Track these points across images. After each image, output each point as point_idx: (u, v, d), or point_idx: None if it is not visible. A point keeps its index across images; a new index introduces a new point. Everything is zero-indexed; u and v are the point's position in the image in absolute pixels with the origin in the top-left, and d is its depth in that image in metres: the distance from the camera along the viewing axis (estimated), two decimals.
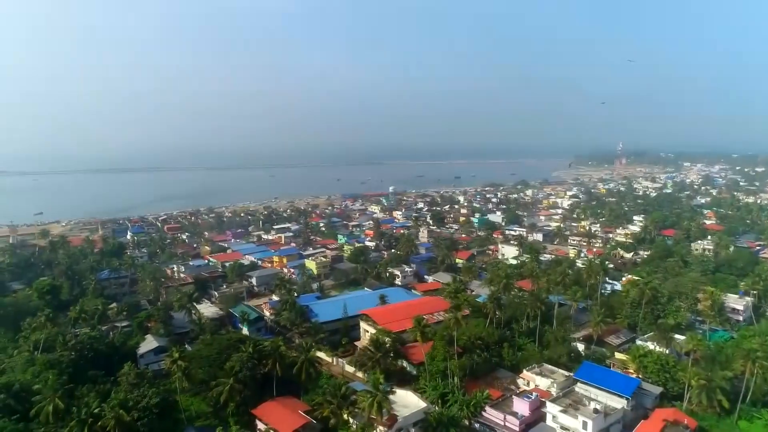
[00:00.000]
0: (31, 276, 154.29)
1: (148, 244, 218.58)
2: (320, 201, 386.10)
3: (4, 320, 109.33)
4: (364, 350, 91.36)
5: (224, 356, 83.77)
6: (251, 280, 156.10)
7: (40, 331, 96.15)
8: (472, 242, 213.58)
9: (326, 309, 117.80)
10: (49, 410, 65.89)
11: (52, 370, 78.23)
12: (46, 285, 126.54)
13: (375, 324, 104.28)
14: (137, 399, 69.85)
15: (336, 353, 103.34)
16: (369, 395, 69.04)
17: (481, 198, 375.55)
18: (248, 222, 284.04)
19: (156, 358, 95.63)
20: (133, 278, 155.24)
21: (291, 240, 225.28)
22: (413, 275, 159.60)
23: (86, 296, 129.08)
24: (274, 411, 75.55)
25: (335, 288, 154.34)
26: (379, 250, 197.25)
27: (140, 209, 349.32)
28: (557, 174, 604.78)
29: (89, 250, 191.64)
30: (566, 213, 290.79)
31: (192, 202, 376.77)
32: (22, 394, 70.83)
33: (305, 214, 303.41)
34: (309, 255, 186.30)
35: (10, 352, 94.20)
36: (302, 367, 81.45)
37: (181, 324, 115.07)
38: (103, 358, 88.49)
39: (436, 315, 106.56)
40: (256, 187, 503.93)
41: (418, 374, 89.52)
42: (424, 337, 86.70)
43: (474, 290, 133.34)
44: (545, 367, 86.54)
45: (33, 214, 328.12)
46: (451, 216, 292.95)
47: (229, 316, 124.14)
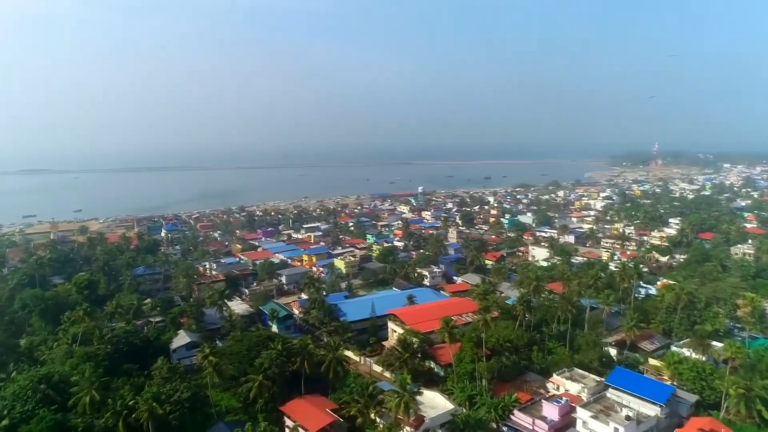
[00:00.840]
0: (71, 271, 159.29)
1: (182, 241, 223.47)
2: (349, 201, 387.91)
3: (45, 313, 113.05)
4: (392, 350, 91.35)
5: (254, 353, 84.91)
6: (281, 278, 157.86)
7: (79, 324, 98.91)
8: (502, 243, 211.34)
9: (354, 308, 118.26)
10: (86, 401, 67.84)
11: (89, 362, 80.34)
12: (84, 280, 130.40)
13: (403, 324, 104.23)
14: (170, 393, 71.34)
15: (363, 352, 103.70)
16: (396, 395, 69.01)
17: (512, 199, 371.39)
18: (278, 221, 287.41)
19: (188, 354, 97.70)
20: (166, 275, 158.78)
21: (320, 239, 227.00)
22: (442, 276, 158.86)
23: (122, 291, 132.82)
24: (301, 408, 76.21)
25: (363, 287, 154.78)
26: (407, 250, 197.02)
27: (174, 207, 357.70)
28: (590, 175, 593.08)
29: (125, 246, 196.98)
30: (599, 215, 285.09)
31: (224, 200, 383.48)
32: (61, 385, 73.00)
33: (334, 214, 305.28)
34: (338, 254, 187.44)
35: (51, 344, 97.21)
36: (330, 366, 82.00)
37: (212, 320, 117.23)
38: (137, 352, 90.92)
39: (464, 316, 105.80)
40: (286, 187, 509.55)
41: (446, 376, 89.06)
42: (452, 339, 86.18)
43: (503, 292, 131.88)
44: (576, 371, 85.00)
45: (73, 211, 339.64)
46: (480, 217, 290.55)
47: (259, 313, 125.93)
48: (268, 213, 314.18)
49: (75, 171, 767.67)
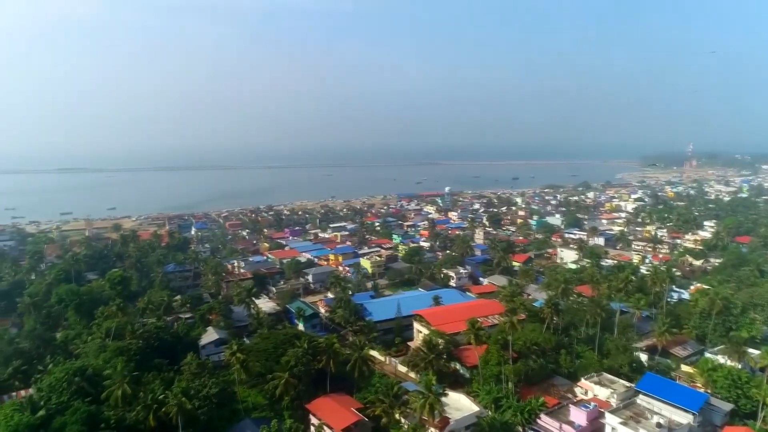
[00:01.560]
0: (104, 267, 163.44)
1: (211, 239, 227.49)
2: (376, 200, 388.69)
3: (80, 308, 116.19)
4: (417, 351, 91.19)
5: (280, 351, 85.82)
6: (307, 277, 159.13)
7: (112, 319, 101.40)
8: (530, 245, 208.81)
9: (380, 308, 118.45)
10: (118, 394, 69.62)
11: (121, 356, 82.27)
12: (117, 276, 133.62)
13: (428, 325, 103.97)
14: (198, 388, 72.71)
15: (389, 352, 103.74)
16: (421, 396, 68.87)
17: (540, 200, 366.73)
18: (305, 220, 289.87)
19: (216, 350, 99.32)
20: (196, 272, 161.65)
21: (347, 239, 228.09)
22: (468, 277, 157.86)
23: (153, 288, 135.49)
24: (327, 407, 76.74)
25: (389, 287, 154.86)
26: (433, 251, 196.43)
27: (204, 206, 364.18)
28: (621, 176, 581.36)
29: (157, 244, 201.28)
30: (630, 217, 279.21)
31: (252, 200, 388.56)
32: (94, 378, 75.01)
33: (361, 214, 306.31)
34: (364, 254, 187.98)
35: (85, 338, 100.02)
36: (355, 365, 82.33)
37: (240, 318, 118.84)
38: (167, 348, 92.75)
39: (490, 318, 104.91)
40: (313, 187, 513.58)
41: (471, 378, 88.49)
42: (478, 340, 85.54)
43: (531, 294, 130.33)
44: (605, 376, 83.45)
45: (107, 209, 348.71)
46: (508, 218, 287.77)
47: (285, 311, 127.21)
48: (295, 212, 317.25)
49: (109, 170, 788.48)
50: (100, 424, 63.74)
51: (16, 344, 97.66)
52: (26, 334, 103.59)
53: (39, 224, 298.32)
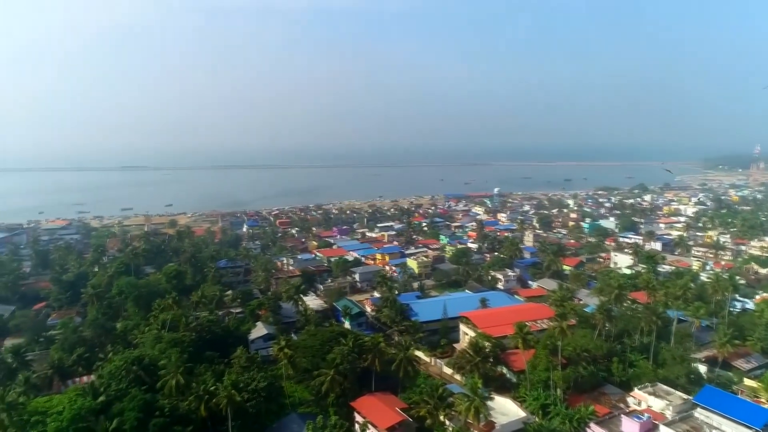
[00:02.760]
0: (161, 261, 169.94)
1: (262, 237, 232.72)
2: (423, 201, 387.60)
3: (139, 300, 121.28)
4: (463, 353, 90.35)
5: (327, 348, 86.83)
6: (354, 276, 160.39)
7: (167, 312, 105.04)
8: (582, 249, 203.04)
9: (426, 308, 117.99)
10: (172, 384, 72.27)
11: (175, 348, 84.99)
12: (173, 270, 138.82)
13: (475, 327, 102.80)
14: (247, 381, 74.46)
15: (434, 353, 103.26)
16: (466, 399, 68.18)
17: (593, 202, 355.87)
18: (353, 219, 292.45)
19: (265, 345, 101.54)
20: (247, 268, 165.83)
21: (394, 238, 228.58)
22: (516, 280, 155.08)
23: (206, 282, 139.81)
24: (371, 405, 77.11)
25: (436, 288, 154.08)
26: (481, 253, 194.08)
27: (255, 204, 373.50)
28: (681, 178, 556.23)
29: (210, 240, 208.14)
30: (690, 221, 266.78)
31: (302, 198, 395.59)
32: (150, 367, 78.12)
33: (408, 214, 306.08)
34: (411, 254, 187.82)
35: (143, 329, 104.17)
36: (400, 365, 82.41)
37: (288, 314, 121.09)
38: (218, 341, 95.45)
39: (539, 323, 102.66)
40: (361, 186, 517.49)
41: (518, 382, 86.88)
42: (525, 345, 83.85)
43: (582, 299, 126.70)
44: (660, 387, 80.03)
45: (164, 205, 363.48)
46: (559, 220, 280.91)
47: (332, 309, 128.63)
48: (343, 211, 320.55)
49: (167, 168, 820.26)
50: (155, 411, 66.34)
51: (80, 333, 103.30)
52: (89, 323, 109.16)
53: (102, 219, 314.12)
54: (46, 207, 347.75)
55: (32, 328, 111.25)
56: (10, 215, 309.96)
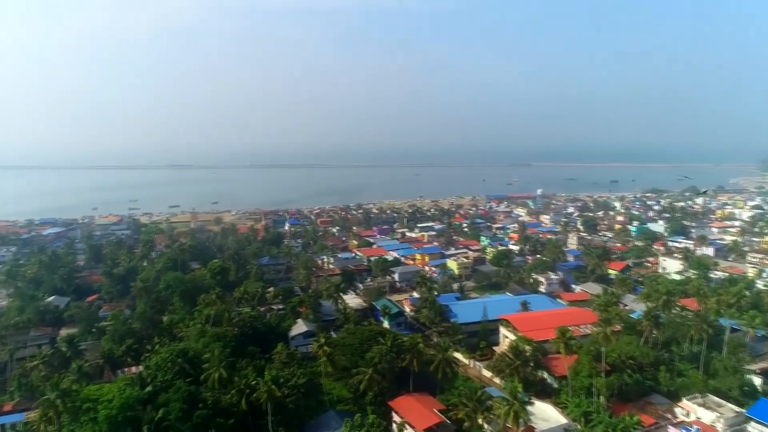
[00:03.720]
0: (206, 257, 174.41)
1: (303, 235, 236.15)
2: (464, 201, 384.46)
3: (184, 295, 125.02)
4: (503, 356, 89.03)
5: (365, 346, 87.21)
6: (394, 275, 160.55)
7: (211, 306, 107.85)
8: (628, 252, 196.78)
9: (466, 310, 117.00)
10: (215, 377, 74.09)
11: (218, 342, 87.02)
12: (217, 266, 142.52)
13: (515, 330, 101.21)
14: (287, 377, 75.54)
15: (473, 356, 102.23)
16: (506, 403, 67.16)
17: (641, 205, 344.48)
18: (393, 219, 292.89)
19: (305, 342, 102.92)
20: (288, 266, 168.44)
21: (434, 239, 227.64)
22: (559, 283, 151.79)
23: (249, 279, 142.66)
24: (409, 405, 76.95)
25: (476, 290, 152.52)
26: (523, 255, 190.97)
27: (297, 203, 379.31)
28: (736, 181, 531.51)
29: (253, 237, 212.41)
30: (745, 226, 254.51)
31: (343, 198, 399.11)
32: (194, 360, 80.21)
33: (449, 214, 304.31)
34: (451, 255, 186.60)
35: (188, 323, 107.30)
36: (439, 366, 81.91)
37: (328, 312, 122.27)
38: (259, 337, 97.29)
39: (582, 327, 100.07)
40: (402, 186, 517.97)
41: (560, 388, 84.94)
42: (568, 350, 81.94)
43: (627, 305, 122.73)
44: (710, 398, 76.68)
45: (210, 203, 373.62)
46: (604, 223, 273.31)
47: (371, 308, 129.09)
48: (383, 211, 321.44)
49: (213, 167, 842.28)
50: (198, 403, 68.23)
51: (129, 325, 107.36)
52: (138, 315, 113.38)
53: (151, 215, 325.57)
54: (99, 203, 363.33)
55: (85, 319, 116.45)
56: (66, 211, 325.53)
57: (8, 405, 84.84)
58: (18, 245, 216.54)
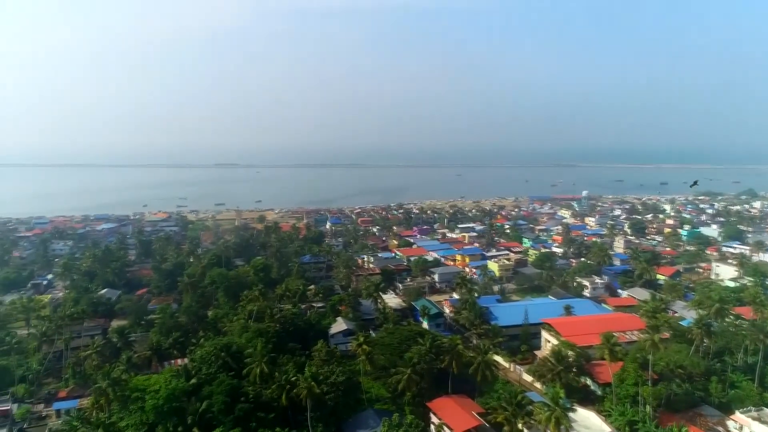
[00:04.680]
0: (249, 254, 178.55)
1: (344, 234, 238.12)
2: (507, 202, 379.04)
3: (228, 290, 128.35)
4: (545, 361, 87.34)
5: (404, 346, 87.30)
6: (434, 276, 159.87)
7: (254, 303, 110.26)
8: (679, 257, 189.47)
9: (506, 313, 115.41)
10: (257, 372, 75.62)
11: (260, 338, 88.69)
12: (260, 263, 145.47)
13: (558, 335, 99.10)
14: (326, 374, 76.43)
15: (514, 359, 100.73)
16: (547, 408, 65.82)
17: (693, 208, 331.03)
18: (434, 219, 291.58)
19: (344, 340, 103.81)
20: (329, 264, 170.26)
21: (474, 240, 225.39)
22: (604, 288, 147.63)
23: (290, 276, 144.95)
24: (448, 407, 76.49)
25: (517, 292, 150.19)
26: (567, 258, 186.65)
27: (339, 202, 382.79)
28: None
29: (295, 236, 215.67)
30: None
31: (384, 197, 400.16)
32: (237, 354, 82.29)
33: (490, 215, 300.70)
34: (492, 256, 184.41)
35: (231, 318, 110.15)
36: (478, 369, 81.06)
37: (367, 311, 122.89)
38: (300, 333, 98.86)
39: (628, 334, 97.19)
40: (443, 186, 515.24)
41: (604, 395, 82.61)
42: (613, 356, 79.55)
43: (677, 312, 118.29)
44: (765, 412, 72.89)
45: (254, 201, 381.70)
46: (653, 226, 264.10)
47: (410, 308, 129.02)
48: (424, 211, 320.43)
49: (258, 165, 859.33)
50: (240, 397, 69.88)
51: (175, 318, 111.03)
52: (184, 310, 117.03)
53: (198, 213, 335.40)
54: (149, 200, 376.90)
55: (135, 312, 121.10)
56: (118, 207, 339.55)
57: (63, 392, 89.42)
58: (74, 239, 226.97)
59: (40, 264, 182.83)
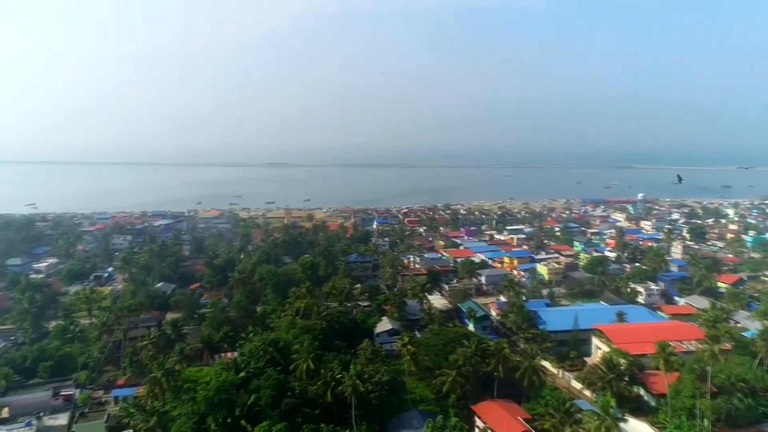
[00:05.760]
0: (298, 252, 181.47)
1: (390, 234, 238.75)
2: (557, 204, 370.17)
3: (277, 287, 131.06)
4: (595, 368, 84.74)
5: (449, 348, 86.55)
6: (480, 278, 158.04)
7: (301, 300, 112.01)
8: (742, 265, 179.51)
9: (555, 317, 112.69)
10: (303, 368, 76.83)
11: (307, 334, 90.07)
12: (308, 261, 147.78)
13: (609, 342, 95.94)
14: (371, 373, 76.71)
15: (562, 365, 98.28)
16: (597, 417, 63.89)
17: (759, 213, 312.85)
18: (482, 221, 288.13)
19: (389, 339, 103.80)
20: (375, 264, 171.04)
21: (523, 242, 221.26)
22: (660, 295, 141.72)
23: (337, 275, 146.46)
24: (493, 411, 75.38)
25: (567, 297, 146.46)
26: (620, 262, 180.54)
27: (386, 202, 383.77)
28: None
29: (342, 235, 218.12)
30: None
31: (431, 198, 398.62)
32: (284, 350, 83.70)
33: (540, 217, 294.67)
34: (541, 259, 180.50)
35: (279, 314, 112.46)
36: (525, 374, 79.64)
37: (413, 311, 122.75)
38: (346, 332, 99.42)
39: (685, 343, 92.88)
40: (491, 187, 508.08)
41: (658, 407, 79.36)
42: (668, 366, 76.27)
43: (739, 322, 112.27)
44: None
45: (303, 200, 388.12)
46: (715, 231, 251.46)
47: (456, 310, 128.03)
48: (471, 212, 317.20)
49: (307, 165, 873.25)
50: (287, 392, 71.15)
51: (226, 313, 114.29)
52: (234, 305, 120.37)
53: (249, 211, 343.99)
54: (202, 198, 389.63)
55: (188, 306, 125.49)
56: (174, 204, 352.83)
57: (121, 379, 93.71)
58: (133, 234, 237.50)
59: (102, 257, 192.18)
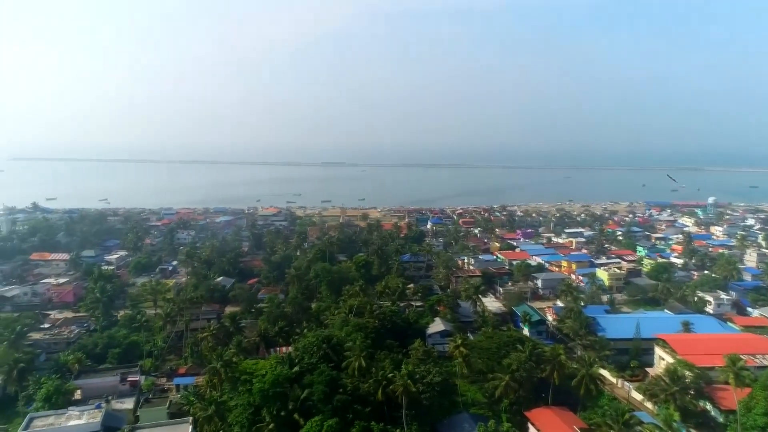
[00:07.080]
0: (352, 251, 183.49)
1: (444, 234, 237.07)
2: (620, 207, 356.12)
3: (331, 285, 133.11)
4: (657, 379, 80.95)
5: (503, 352, 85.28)
6: (537, 281, 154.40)
7: (355, 298, 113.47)
8: None
9: (615, 325, 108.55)
10: (355, 366, 77.59)
11: (360, 332, 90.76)
12: (362, 260, 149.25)
13: (674, 352, 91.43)
14: (423, 374, 76.60)
15: (622, 375, 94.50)
16: (658, 431, 61.01)
17: None
18: (539, 223, 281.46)
19: (441, 340, 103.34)
20: (428, 264, 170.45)
21: (582, 246, 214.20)
22: (731, 305, 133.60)
23: (390, 274, 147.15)
24: (547, 418, 73.50)
25: (628, 304, 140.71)
26: (687, 269, 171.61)
27: (440, 202, 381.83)
28: None
29: (396, 234, 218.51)
30: None
31: (487, 198, 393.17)
32: (337, 347, 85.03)
33: (601, 220, 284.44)
34: (601, 264, 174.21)
35: (333, 311, 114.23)
36: (582, 382, 77.16)
37: (466, 313, 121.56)
38: (398, 331, 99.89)
39: (758, 358, 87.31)
40: (550, 188, 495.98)
41: (726, 423, 74.83)
42: (738, 381, 71.75)
43: None
44: None
45: (358, 199, 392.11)
46: None
47: (511, 313, 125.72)
48: (528, 214, 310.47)
49: (362, 165, 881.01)
50: (339, 388, 72.25)
51: (282, 308, 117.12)
52: (290, 300, 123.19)
53: (305, 209, 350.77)
54: (262, 196, 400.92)
55: (246, 300, 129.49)
56: (235, 201, 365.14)
57: (182, 368, 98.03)
58: (196, 230, 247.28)
59: (167, 251, 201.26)
